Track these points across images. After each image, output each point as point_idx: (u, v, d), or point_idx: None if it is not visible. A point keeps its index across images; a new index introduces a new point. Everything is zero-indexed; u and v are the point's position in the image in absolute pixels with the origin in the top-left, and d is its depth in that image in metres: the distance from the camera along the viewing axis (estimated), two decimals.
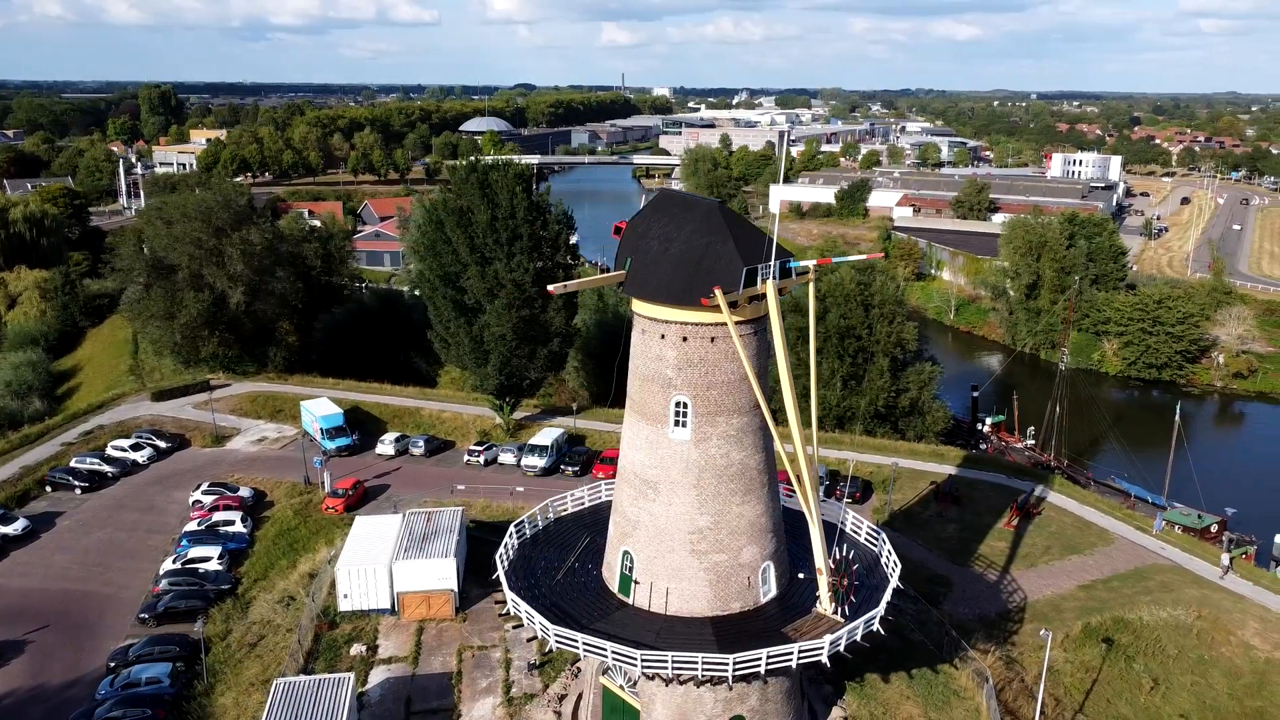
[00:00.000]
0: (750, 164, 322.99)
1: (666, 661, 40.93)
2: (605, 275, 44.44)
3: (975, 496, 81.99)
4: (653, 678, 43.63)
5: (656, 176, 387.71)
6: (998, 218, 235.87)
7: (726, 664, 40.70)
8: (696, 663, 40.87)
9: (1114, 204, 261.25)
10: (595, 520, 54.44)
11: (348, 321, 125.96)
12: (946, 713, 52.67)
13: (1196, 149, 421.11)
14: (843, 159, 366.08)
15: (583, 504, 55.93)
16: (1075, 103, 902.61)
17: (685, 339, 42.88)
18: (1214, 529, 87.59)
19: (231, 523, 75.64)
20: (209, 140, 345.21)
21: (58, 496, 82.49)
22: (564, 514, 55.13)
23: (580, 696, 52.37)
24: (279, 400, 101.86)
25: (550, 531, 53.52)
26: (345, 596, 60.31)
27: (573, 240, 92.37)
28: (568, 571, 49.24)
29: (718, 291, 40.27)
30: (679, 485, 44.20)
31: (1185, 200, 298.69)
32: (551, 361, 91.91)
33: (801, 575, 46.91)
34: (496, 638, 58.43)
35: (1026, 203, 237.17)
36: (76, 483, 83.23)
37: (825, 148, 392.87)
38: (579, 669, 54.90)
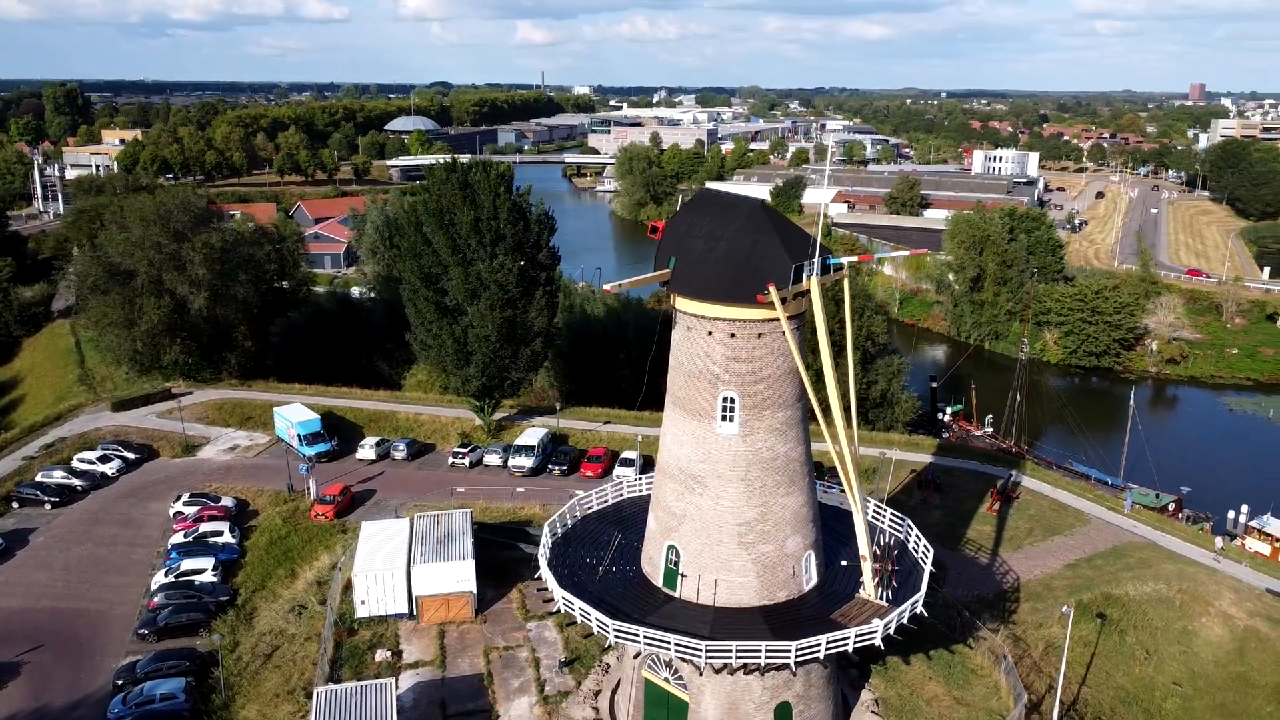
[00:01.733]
0: (683, 162, 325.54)
1: (731, 651, 41.80)
2: (653, 274, 45.01)
3: (954, 484, 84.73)
4: (701, 668, 44.49)
5: (588, 175, 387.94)
6: (929, 213, 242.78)
7: (790, 651, 41.75)
8: (760, 651, 41.81)
9: (1036, 199, 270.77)
10: (620, 517, 55.17)
11: (304, 325, 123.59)
12: (968, 690, 54.80)
13: (1105, 146, 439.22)
14: (771, 157, 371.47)
15: (606, 502, 56.45)
16: (984, 101, 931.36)
17: (733, 335, 43.84)
18: (1171, 507, 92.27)
19: (220, 533, 73.88)
20: (123, 141, 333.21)
21: (26, 512, 79.25)
22: (589, 512, 55.56)
23: (614, 691, 52.94)
24: (247, 407, 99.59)
25: (579, 530, 53.89)
26: (362, 603, 59.66)
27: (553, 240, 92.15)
28: (605, 568, 49.74)
29: (772, 288, 41.30)
30: (727, 479, 45.12)
31: (1100, 195, 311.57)
32: (533, 361, 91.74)
33: (845, 563, 48.29)
34: (520, 638, 58.54)
35: (956, 198, 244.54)
36: (45, 497, 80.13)
37: (753, 145, 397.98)
38: (608, 664, 55.47)
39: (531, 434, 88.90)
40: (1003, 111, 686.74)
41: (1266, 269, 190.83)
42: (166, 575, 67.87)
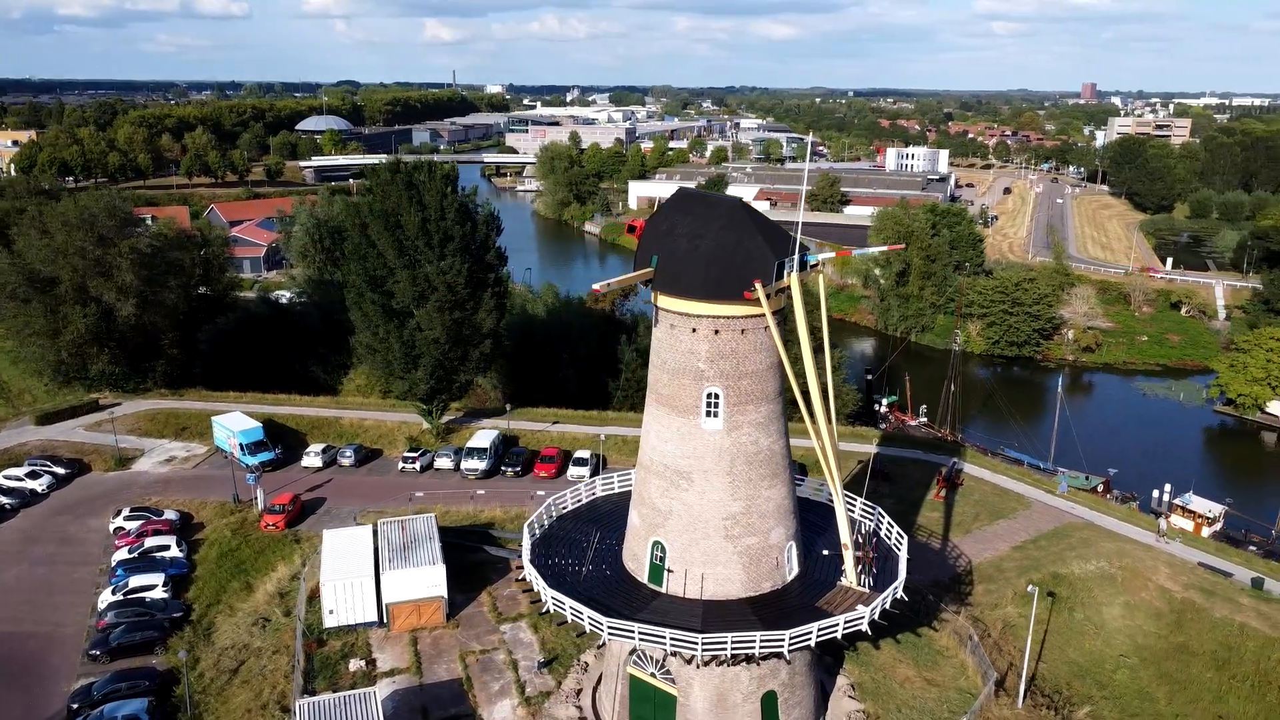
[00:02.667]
0: (605, 161, 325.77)
1: (726, 643, 42.42)
2: (637, 273, 45.19)
3: (900, 472, 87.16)
4: (690, 659, 45.07)
5: (508, 175, 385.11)
6: (849, 210, 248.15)
7: (783, 640, 42.57)
8: (754, 641, 42.53)
9: (948, 195, 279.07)
10: (595, 516, 55.34)
11: (234, 331, 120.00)
12: (937, 671, 56.62)
13: (1009, 143, 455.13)
14: (691, 155, 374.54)
15: (580, 501, 56.59)
16: (890, 100, 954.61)
17: (717, 332, 44.42)
18: (1099, 489, 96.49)
19: (166, 548, 71.57)
20: (16, 142, 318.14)
21: None
22: (564, 511, 55.60)
23: (595, 689, 53.12)
24: (181, 417, 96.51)
25: (555, 530, 53.82)
26: (331, 612, 58.55)
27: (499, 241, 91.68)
28: (588, 566, 49.88)
29: (758, 284, 42.06)
30: (713, 474, 45.71)
31: (1007, 190, 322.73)
32: (482, 363, 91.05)
33: (826, 552, 49.42)
34: (495, 640, 58.25)
35: (875, 195, 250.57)
36: None
37: (672, 144, 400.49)
38: (587, 663, 55.62)
39: (483, 436, 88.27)
40: (909, 110, 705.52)
41: (1169, 260, 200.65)
42: (114, 593, 65.56)
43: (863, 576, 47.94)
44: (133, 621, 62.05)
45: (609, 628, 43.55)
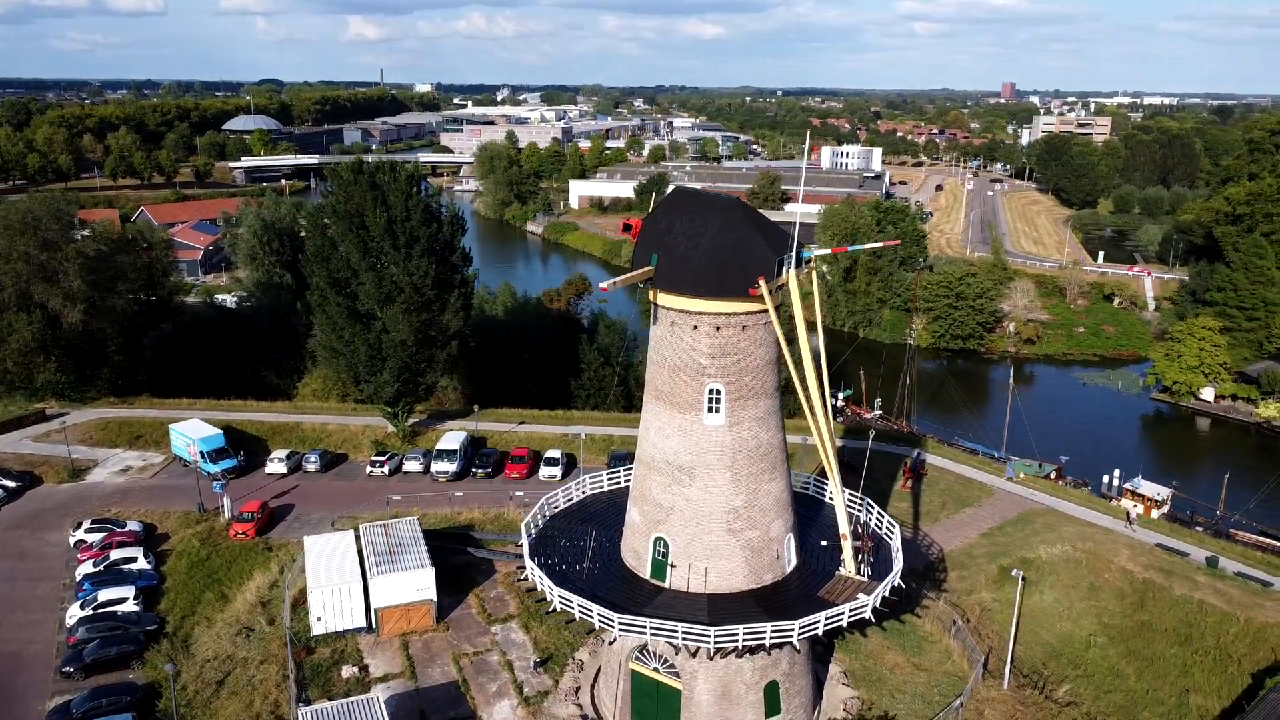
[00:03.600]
0: (544, 160, 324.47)
1: (738, 634, 43.00)
2: (638, 271, 45.45)
3: (865, 464, 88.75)
4: (695, 652, 45.61)
5: (444, 175, 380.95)
6: (789, 207, 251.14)
7: (793, 629, 43.33)
8: (765, 632, 43.20)
9: (884, 192, 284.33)
10: (587, 514, 55.53)
11: (181, 336, 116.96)
12: (924, 656, 58.11)
13: (938, 141, 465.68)
14: (629, 154, 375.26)
15: (571, 499, 56.72)
16: (819, 99, 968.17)
17: (718, 329, 45.07)
18: (1052, 476, 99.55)
19: (134, 559, 69.56)
20: None
21: None
22: (556, 511, 55.67)
23: (593, 686, 53.33)
24: (135, 425, 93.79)
25: (548, 530, 53.86)
26: (319, 619, 57.70)
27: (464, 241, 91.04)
28: (588, 564, 50.07)
29: (761, 281, 42.75)
30: (715, 469, 46.30)
31: (939, 187, 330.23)
32: (449, 364, 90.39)
33: (825, 543, 50.37)
34: (488, 642, 58.02)
35: (815, 193, 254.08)
36: None
37: (609, 143, 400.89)
38: (582, 661, 55.78)
39: (452, 438, 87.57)
40: (838, 109, 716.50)
41: (1101, 254, 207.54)
42: (83, 608, 63.50)
43: (861, 566, 49.00)
44: (106, 636, 60.24)
45: (620, 623, 43.81)
